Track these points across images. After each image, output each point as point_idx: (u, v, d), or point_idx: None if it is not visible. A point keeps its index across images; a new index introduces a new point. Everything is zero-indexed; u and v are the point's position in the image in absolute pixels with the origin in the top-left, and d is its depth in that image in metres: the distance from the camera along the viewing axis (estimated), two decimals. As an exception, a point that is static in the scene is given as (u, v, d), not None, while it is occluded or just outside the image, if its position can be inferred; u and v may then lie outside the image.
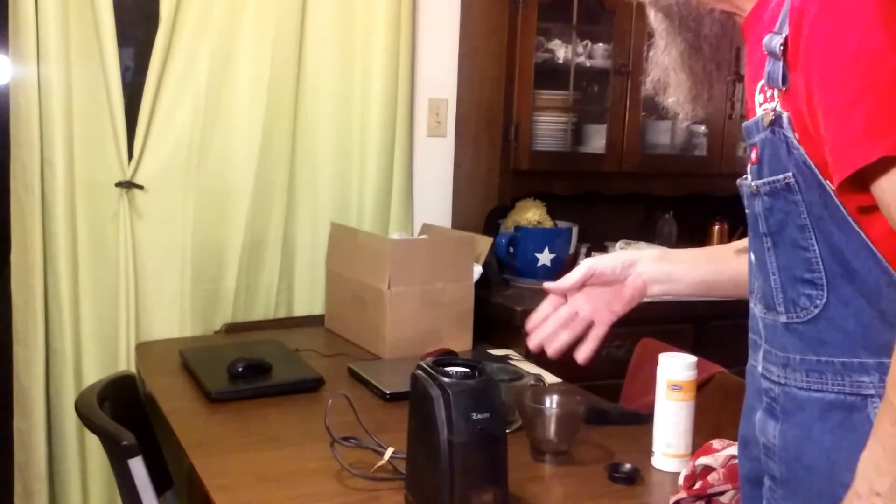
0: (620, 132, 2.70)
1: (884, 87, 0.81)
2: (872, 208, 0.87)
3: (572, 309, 1.28)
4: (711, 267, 1.28)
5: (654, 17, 1.09)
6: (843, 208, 0.89)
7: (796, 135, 0.91)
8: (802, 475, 0.96)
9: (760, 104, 0.96)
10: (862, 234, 0.88)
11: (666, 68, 1.10)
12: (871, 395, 0.89)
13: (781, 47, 0.91)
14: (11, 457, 2.33)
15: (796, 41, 0.89)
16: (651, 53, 1.12)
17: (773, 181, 0.94)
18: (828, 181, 0.89)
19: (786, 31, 0.91)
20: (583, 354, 1.28)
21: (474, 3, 2.72)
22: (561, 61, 2.69)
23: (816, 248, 0.92)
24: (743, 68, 1.05)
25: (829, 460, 0.92)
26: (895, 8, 0.82)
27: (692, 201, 2.91)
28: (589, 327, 1.28)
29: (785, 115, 0.92)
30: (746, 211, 1.03)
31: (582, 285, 1.27)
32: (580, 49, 2.69)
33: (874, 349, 0.89)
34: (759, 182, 0.97)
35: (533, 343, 1.29)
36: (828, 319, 0.92)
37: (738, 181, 1.05)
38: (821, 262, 0.92)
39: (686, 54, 1.08)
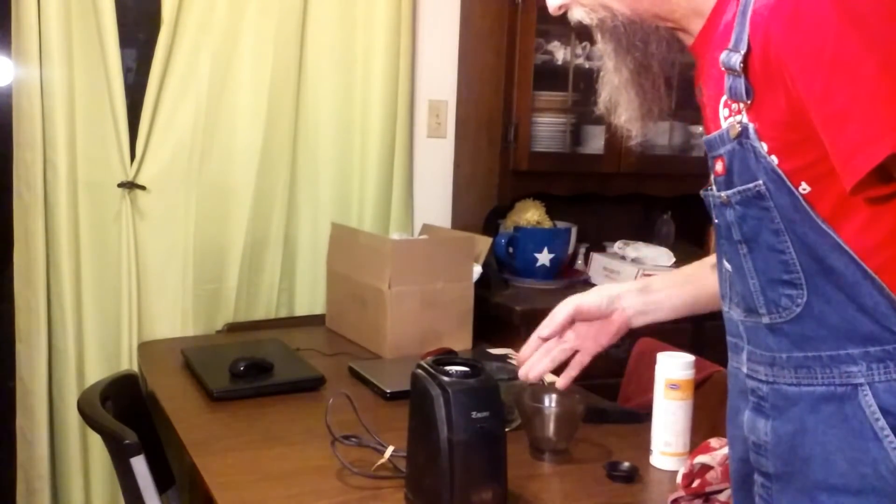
0: (619, 133, 2.69)
1: (871, 90, 0.84)
2: (846, 208, 0.90)
3: (558, 341, 1.37)
4: (689, 290, 1.38)
5: (601, 39, 1.11)
6: (812, 212, 0.92)
7: (764, 144, 0.94)
8: (799, 467, 0.97)
9: (726, 118, 0.99)
10: (833, 234, 0.91)
11: (617, 88, 1.13)
12: (861, 384, 0.92)
13: (741, 64, 0.93)
14: (14, 455, 2.35)
15: (764, 57, 0.91)
16: (601, 74, 1.14)
17: (745, 190, 0.97)
18: (797, 187, 0.92)
19: (744, 48, 0.93)
20: (563, 381, 1.38)
21: (474, 5, 2.74)
22: (560, 63, 2.70)
23: (792, 250, 0.94)
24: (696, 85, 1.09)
25: (825, 451, 0.94)
26: (859, 12, 0.85)
27: (690, 202, 2.89)
28: (572, 355, 1.37)
29: (751, 126, 0.94)
30: (716, 221, 1.06)
31: (571, 322, 1.36)
32: (579, 50, 2.70)
33: (858, 340, 0.92)
34: (730, 192, 0.99)
35: (521, 373, 1.38)
36: (810, 317, 0.95)
37: (702, 193, 1.07)
38: (797, 263, 0.94)
39: (636, 72, 1.10)
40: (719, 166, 1.01)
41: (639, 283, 1.37)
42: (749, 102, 0.95)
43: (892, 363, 0.90)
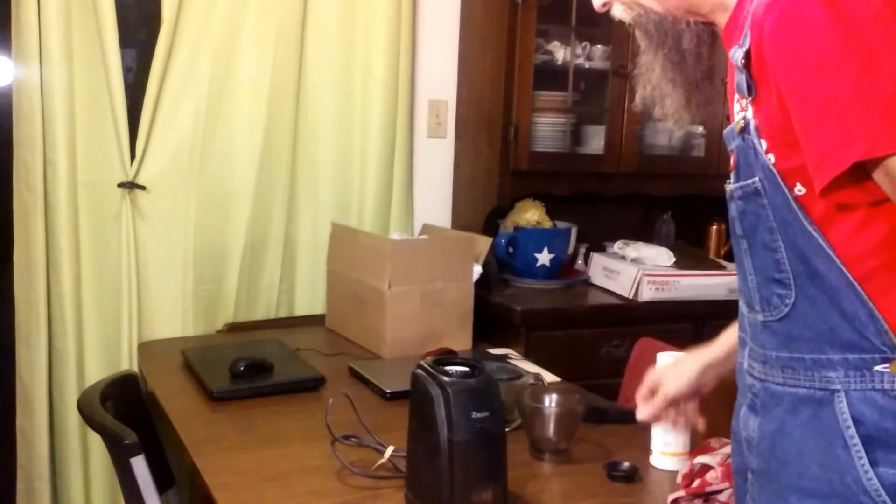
0: (619, 133, 2.70)
1: (848, 94, 0.84)
2: (836, 212, 0.91)
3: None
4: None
5: (637, 36, 1.13)
6: (802, 214, 0.93)
7: (763, 141, 0.95)
8: (776, 467, 0.99)
9: (737, 112, 1.01)
10: (819, 238, 0.92)
11: (654, 84, 1.14)
12: (838, 391, 0.93)
13: (744, 60, 0.95)
14: (14, 455, 2.35)
15: (759, 53, 0.93)
16: (637, 71, 1.15)
17: (745, 185, 0.98)
18: (792, 188, 0.93)
19: (747, 44, 0.94)
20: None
21: (474, 5, 2.74)
22: (560, 63, 2.70)
23: (783, 249, 0.96)
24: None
25: (799, 453, 0.96)
26: (847, 12, 0.85)
27: (690, 202, 2.92)
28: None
29: (753, 122, 0.96)
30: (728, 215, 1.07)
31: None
32: (579, 51, 2.70)
33: (838, 345, 0.93)
34: (734, 186, 1.01)
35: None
36: (797, 317, 0.96)
37: (725, 186, 1.08)
38: (787, 263, 0.96)
39: (669, 68, 1.12)
40: (732, 160, 1.03)
41: (701, 361, 1.41)
42: (751, 98, 0.96)
43: (868, 372, 0.91)
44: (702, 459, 1.38)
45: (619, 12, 1.13)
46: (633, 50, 1.17)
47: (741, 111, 0.99)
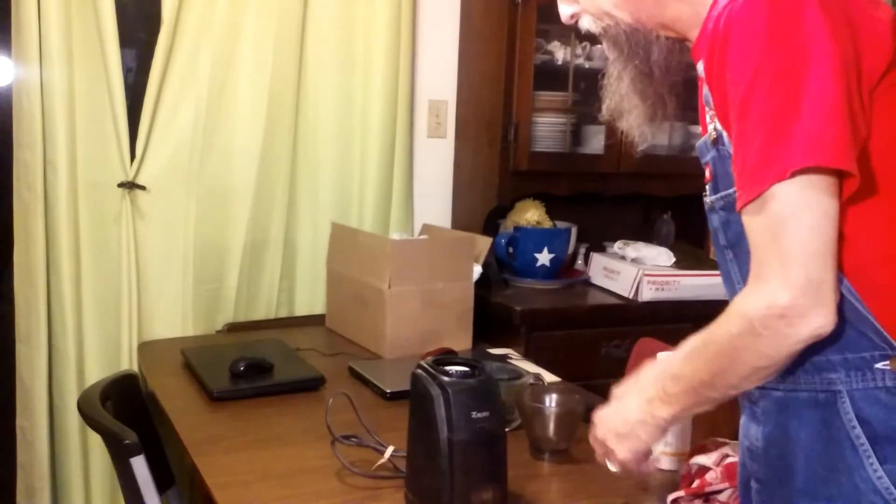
0: (619, 133, 2.68)
1: (771, 122, 0.86)
2: None
3: None
4: None
5: (606, 47, 1.12)
6: None
7: None
8: (784, 474, 0.98)
9: (708, 124, 1.01)
10: None
11: (621, 95, 1.14)
12: (840, 392, 0.93)
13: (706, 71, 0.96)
14: (14, 455, 2.35)
15: (710, 62, 0.93)
16: (605, 81, 1.15)
17: (727, 195, 0.98)
18: None
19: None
20: None
21: (474, 5, 2.74)
22: (560, 63, 2.70)
23: None
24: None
25: (806, 457, 0.95)
26: (784, 37, 0.86)
27: (690, 202, 2.90)
28: None
29: (725, 133, 0.96)
30: (709, 227, 1.07)
31: None
32: (579, 50, 2.70)
33: (837, 346, 0.93)
34: (714, 197, 1.01)
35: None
36: None
37: (704, 198, 1.09)
38: None
39: (637, 80, 1.12)
40: (707, 172, 1.02)
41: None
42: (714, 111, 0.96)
43: (869, 371, 0.91)
44: (698, 460, 1.38)
45: (587, 24, 1.13)
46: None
47: (711, 122, 0.99)
